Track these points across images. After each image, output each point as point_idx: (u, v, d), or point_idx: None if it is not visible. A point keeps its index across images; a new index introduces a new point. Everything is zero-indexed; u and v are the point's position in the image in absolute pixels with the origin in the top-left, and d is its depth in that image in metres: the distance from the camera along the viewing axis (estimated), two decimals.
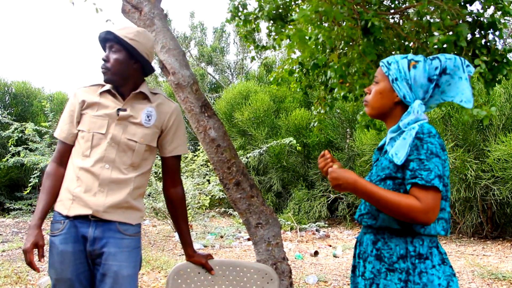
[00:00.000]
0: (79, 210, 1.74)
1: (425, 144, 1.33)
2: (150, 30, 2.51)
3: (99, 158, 1.77)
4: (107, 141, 1.78)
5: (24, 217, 8.43)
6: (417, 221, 1.31)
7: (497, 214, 6.85)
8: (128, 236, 1.79)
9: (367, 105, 1.53)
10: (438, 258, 1.37)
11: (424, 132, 1.34)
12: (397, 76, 1.44)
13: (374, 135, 7.36)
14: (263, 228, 2.50)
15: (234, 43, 16.08)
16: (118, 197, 1.77)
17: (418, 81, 1.42)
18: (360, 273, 1.49)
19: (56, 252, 1.75)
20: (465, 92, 1.39)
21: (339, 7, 2.24)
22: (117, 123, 1.80)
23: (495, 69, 2.51)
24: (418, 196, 1.31)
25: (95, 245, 1.75)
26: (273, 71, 3.64)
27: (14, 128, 7.83)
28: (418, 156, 1.32)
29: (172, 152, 1.92)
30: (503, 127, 6.67)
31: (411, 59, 1.44)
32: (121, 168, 1.79)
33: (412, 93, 1.43)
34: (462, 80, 1.40)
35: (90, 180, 1.76)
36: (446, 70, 1.40)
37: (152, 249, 6.02)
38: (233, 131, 10.30)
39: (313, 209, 8.45)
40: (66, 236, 1.74)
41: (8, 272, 4.28)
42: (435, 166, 1.31)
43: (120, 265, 1.74)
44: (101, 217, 1.74)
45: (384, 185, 1.40)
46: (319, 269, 5.06)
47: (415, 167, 1.32)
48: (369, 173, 1.54)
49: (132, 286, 1.78)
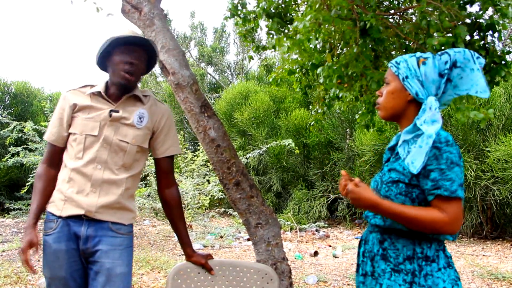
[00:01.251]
0: (71, 210, 1.77)
1: (444, 153, 1.31)
2: (150, 30, 2.52)
3: (91, 158, 1.79)
4: (99, 142, 1.80)
5: (24, 217, 8.43)
6: (442, 232, 1.31)
7: (497, 215, 6.85)
8: (121, 235, 1.81)
9: (380, 107, 1.51)
10: (444, 261, 1.37)
11: (442, 141, 1.32)
12: (407, 74, 1.42)
13: (374, 135, 7.36)
14: (263, 228, 2.50)
15: (234, 43, 16.09)
16: (110, 197, 1.79)
17: (429, 77, 1.40)
18: (364, 271, 1.48)
19: (50, 251, 1.77)
20: (479, 82, 1.37)
21: (338, 8, 2.24)
22: (109, 124, 1.82)
23: (493, 71, 2.50)
24: (442, 207, 1.30)
25: (88, 244, 1.77)
26: (273, 71, 3.64)
27: (13, 126, 7.83)
28: (438, 166, 1.31)
29: (164, 152, 1.95)
30: (503, 127, 6.67)
31: (419, 56, 1.43)
32: (113, 168, 1.81)
33: (424, 90, 1.41)
34: (474, 72, 1.37)
35: (82, 181, 1.78)
36: (457, 64, 1.38)
37: (151, 249, 6.02)
38: (233, 131, 10.30)
39: (313, 209, 8.45)
40: (60, 235, 1.77)
41: (8, 272, 4.28)
42: (456, 175, 1.31)
43: (113, 262, 1.76)
44: (94, 217, 1.77)
45: (397, 187, 1.39)
46: (319, 269, 5.06)
47: (437, 177, 1.31)
48: (380, 172, 1.53)
49: (125, 284, 1.79)
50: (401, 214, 1.33)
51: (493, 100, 6.72)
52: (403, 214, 1.33)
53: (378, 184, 1.48)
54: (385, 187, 1.43)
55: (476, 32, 2.48)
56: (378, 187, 1.47)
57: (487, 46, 2.52)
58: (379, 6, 2.89)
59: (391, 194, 1.40)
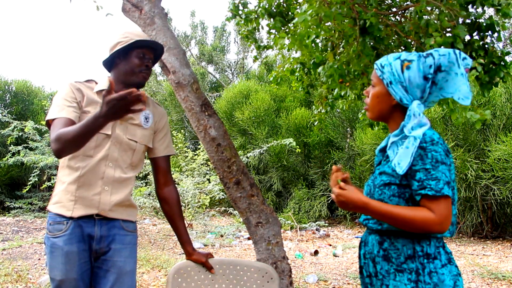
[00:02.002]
0: (83, 210, 1.76)
1: (429, 152, 1.31)
2: (151, 29, 2.52)
3: (103, 156, 1.79)
4: (111, 141, 1.81)
5: (24, 215, 8.45)
6: (433, 232, 1.31)
7: (497, 214, 6.85)
8: (130, 232, 1.86)
9: (367, 109, 1.52)
10: (445, 258, 1.37)
11: (427, 140, 1.32)
12: (391, 79, 1.41)
13: (375, 134, 7.36)
14: (263, 227, 2.50)
15: (235, 42, 16.10)
16: (120, 195, 1.82)
17: (413, 82, 1.39)
18: (368, 273, 1.48)
19: (61, 253, 1.74)
20: (461, 88, 1.36)
21: (338, 7, 2.24)
22: (119, 124, 1.84)
23: (492, 71, 2.50)
24: (430, 207, 1.30)
25: (101, 243, 1.78)
26: (274, 70, 3.64)
27: (14, 126, 7.84)
28: (423, 166, 1.31)
29: (163, 152, 2.00)
30: (504, 127, 6.66)
31: (404, 59, 1.41)
32: (122, 167, 1.84)
33: (408, 95, 1.40)
34: (458, 76, 1.36)
35: (93, 179, 1.77)
36: (441, 68, 1.37)
37: (152, 248, 6.02)
38: (234, 130, 10.30)
39: (313, 209, 8.45)
40: (71, 236, 1.74)
41: (8, 271, 4.29)
42: (442, 173, 1.30)
43: (124, 260, 1.80)
44: (107, 215, 1.78)
45: (389, 189, 1.39)
46: (319, 268, 5.06)
47: (422, 177, 1.31)
48: (372, 176, 1.53)
49: (133, 281, 1.83)
50: (390, 214, 1.33)
51: (493, 100, 6.72)
52: (392, 214, 1.33)
53: (371, 188, 1.48)
54: (378, 190, 1.43)
55: (475, 32, 2.48)
56: (371, 191, 1.47)
57: (486, 47, 2.51)
58: (380, 4, 2.89)
59: (384, 197, 1.40)
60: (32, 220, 8.17)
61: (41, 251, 5.49)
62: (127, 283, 1.79)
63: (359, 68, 2.53)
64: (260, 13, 3.07)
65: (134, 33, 1.89)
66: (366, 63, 2.49)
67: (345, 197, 1.39)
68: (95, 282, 1.80)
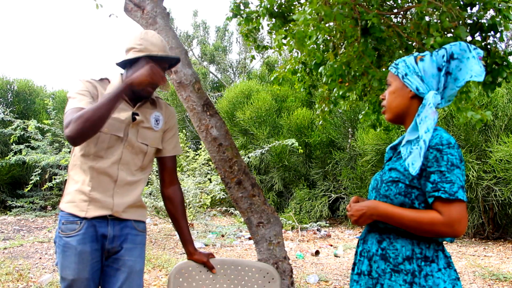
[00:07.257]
0: (97, 211, 1.76)
1: (445, 155, 1.31)
2: (153, 28, 2.52)
3: (116, 160, 1.79)
4: (123, 144, 1.81)
5: (25, 214, 8.47)
6: (442, 235, 1.30)
7: (499, 215, 6.84)
8: (140, 232, 1.88)
9: (385, 110, 1.53)
10: (443, 262, 1.36)
11: (444, 143, 1.32)
12: (406, 71, 1.45)
13: (376, 135, 7.35)
14: (264, 227, 2.50)
15: (237, 42, 16.11)
16: (132, 197, 1.83)
17: (428, 72, 1.42)
18: (360, 270, 1.48)
19: (74, 253, 1.74)
20: (474, 67, 1.37)
21: (339, 7, 2.23)
22: (132, 127, 1.84)
23: (495, 72, 2.49)
24: (440, 210, 1.29)
25: (114, 243, 1.80)
26: (275, 70, 3.64)
27: (16, 125, 7.85)
28: (438, 168, 1.31)
29: (171, 151, 1.99)
30: (506, 128, 6.65)
31: (417, 54, 1.47)
32: (132, 170, 1.85)
33: (424, 84, 1.43)
34: (470, 59, 1.38)
35: (106, 181, 1.78)
36: (454, 56, 1.39)
37: (153, 248, 6.03)
38: (235, 130, 10.30)
39: (315, 209, 8.45)
40: (85, 236, 1.75)
41: (9, 270, 4.30)
42: (457, 177, 1.30)
43: (135, 260, 1.82)
44: (120, 216, 1.80)
45: (396, 187, 1.39)
46: (320, 269, 5.06)
47: (437, 180, 1.30)
48: (381, 171, 1.53)
49: (141, 280, 1.85)
50: (400, 217, 1.34)
51: (495, 101, 6.70)
52: (402, 217, 1.34)
53: (378, 182, 1.48)
54: (384, 186, 1.43)
55: (478, 33, 2.47)
56: (378, 186, 1.47)
57: (488, 47, 2.51)
58: (382, 5, 2.88)
59: (390, 194, 1.40)
60: (33, 219, 8.18)
61: (42, 250, 5.50)
62: (136, 282, 1.81)
63: (360, 68, 2.53)
64: (261, 13, 3.06)
65: (149, 40, 1.83)
66: (367, 63, 2.49)
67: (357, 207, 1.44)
68: (104, 281, 1.81)
